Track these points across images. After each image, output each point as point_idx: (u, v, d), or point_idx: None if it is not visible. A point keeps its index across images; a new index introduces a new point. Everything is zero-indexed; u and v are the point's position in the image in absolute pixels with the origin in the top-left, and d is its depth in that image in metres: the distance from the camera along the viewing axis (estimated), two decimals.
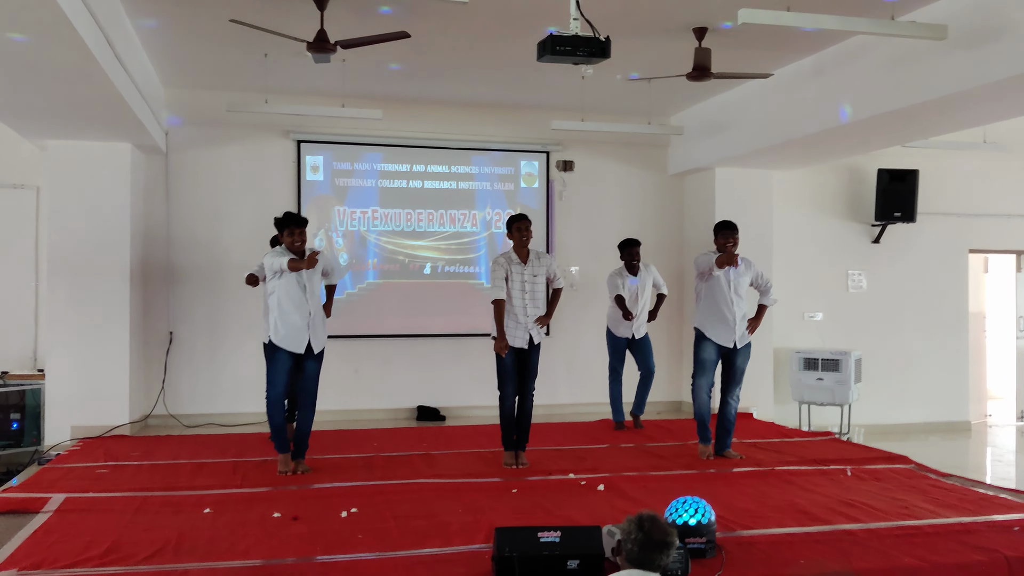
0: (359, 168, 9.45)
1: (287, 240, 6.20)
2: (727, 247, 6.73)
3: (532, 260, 6.54)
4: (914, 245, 10.20)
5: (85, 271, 8.13)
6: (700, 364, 6.95)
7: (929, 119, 7.09)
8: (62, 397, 8.08)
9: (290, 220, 6.22)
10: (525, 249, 6.53)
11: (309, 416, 6.43)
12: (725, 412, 6.97)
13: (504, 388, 6.61)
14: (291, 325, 6.23)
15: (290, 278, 6.21)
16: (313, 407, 6.46)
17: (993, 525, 5.07)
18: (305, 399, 6.42)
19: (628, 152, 10.14)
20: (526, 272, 6.51)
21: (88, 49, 5.21)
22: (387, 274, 9.52)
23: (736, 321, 6.78)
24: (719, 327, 6.82)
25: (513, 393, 6.62)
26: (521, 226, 6.49)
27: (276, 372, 6.31)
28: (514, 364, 6.59)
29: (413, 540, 4.68)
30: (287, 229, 6.19)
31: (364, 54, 6.77)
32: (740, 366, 6.90)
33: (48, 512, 5.26)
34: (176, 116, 8.91)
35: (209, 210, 9.07)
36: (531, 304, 6.52)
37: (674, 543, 3.34)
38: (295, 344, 6.25)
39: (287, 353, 6.27)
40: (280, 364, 6.29)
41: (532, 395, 6.69)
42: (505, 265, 6.51)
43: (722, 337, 6.82)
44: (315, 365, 6.39)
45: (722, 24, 6.52)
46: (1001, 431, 10.30)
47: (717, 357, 6.92)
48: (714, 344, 6.87)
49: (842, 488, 6.01)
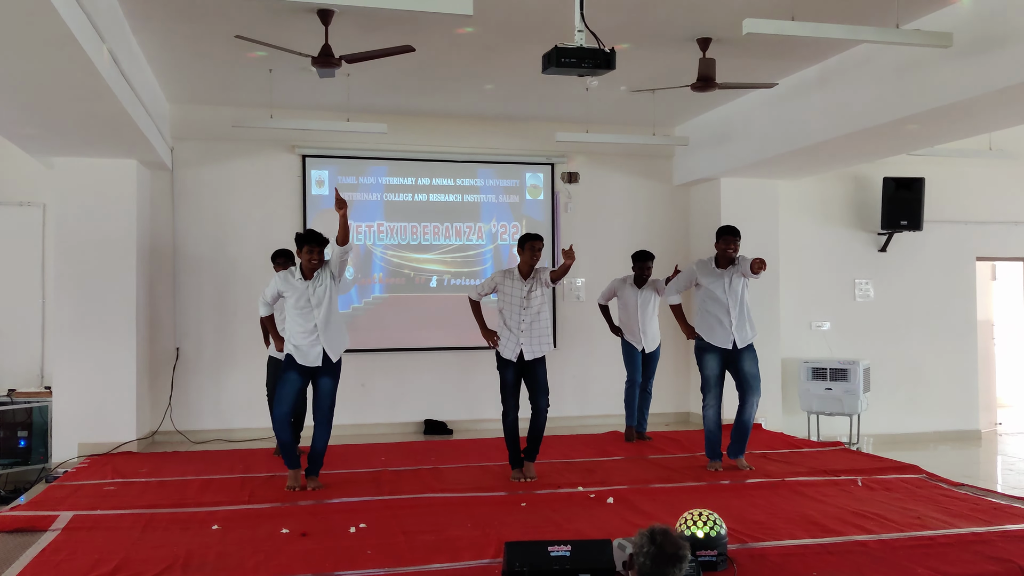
0: (364, 182, 9.46)
1: (304, 257, 6.17)
2: (728, 252, 6.72)
3: (531, 278, 6.55)
4: (921, 253, 10.17)
5: (91, 288, 8.14)
6: (705, 380, 6.92)
7: (935, 127, 7.07)
8: (69, 414, 8.08)
9: (308, 238, 6.20)
10: (531, 267, 6.54)
11: (325, 434, 6.38)
12: (742, 418, 6.89)
13: (506, 402, 6.61)
14: (301, 340, 6.21)
15: (296, 298, 6.19)
16: (329, 424, 6.39)
17: (1007, 535, 5.02)
18: (320, 417, 6.36)
19: (633, 163, 10.14)
20: (525, 288, 6.51)
21: (94, 66, 5.22)
22: (393, 288, 9.52)
23: (733, 323, 6.76)
24: (716, 329, 6.79)
25: (514, 408, 6.61)
26: (535, 245, 6.49)
27: (284, 390, 6.28)
28: (515, 378, 6.59)
29: (422, 555, 4.65)
30: (305, 246, 6.17)
31: (369, 68, 6.78)
32: (749, 371, 6.84)
33: (56, 530, 5.24)
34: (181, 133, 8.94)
35: (215, 226, 9.09)
36: (526, 319, 6.51)
37: (686, 556, 3.31)
38: (310, 359, 6.22)
39: (297, 372, 6.25)
40: (290, 383, 6.26)
41: (545, 411, 6.63)
42: (499, 280, 6.59)
43: (720, 339, 6.79)
44: (330, 382, 6.33)
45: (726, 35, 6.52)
46: (1011, 439, 10.24)
47: (720, 370, 6.89)
48: (715, 353, 6.83)
49: (853, 499, 5.97)
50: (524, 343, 6.53)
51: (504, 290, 6.55)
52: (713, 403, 6.90)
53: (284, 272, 6.36)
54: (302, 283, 6.20)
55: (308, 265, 6.18)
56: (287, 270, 6.39)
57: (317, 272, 6.24)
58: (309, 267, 6.19)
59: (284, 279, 6.27)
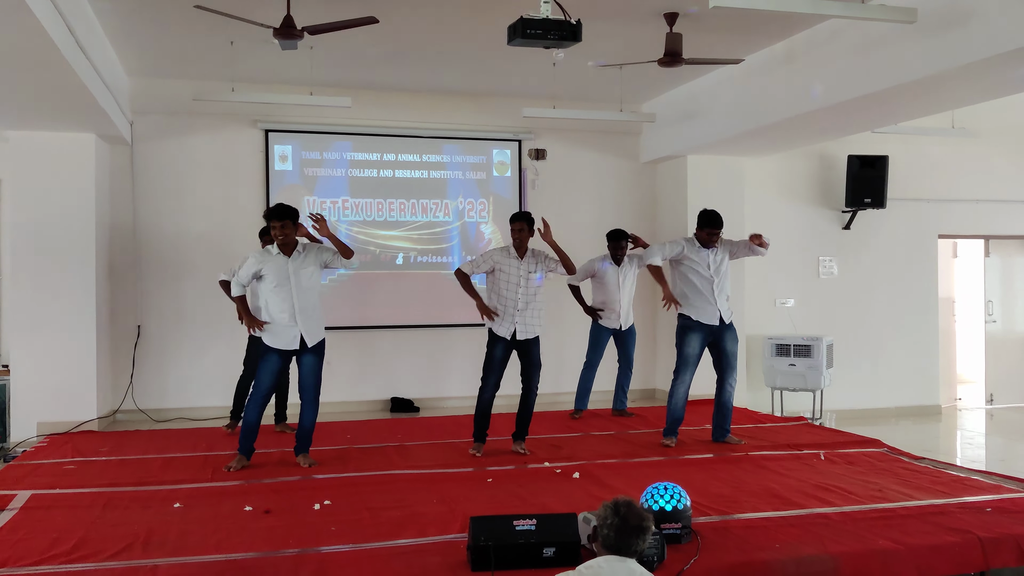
0: (328, 157, 9.35)
1: (274, 234, 6.07)
2: (711, 242, 6.80)
3: (528, 257, 6.54)
4: (884, 231, 10.26)
5: (50, 264, 7.98)
6: (683, 359, 6.94)
7: (899, 103, 7.11)
8: (28, 393, 7.94)
9: (271, 214, 6.09)
10: (523, 247, 6.54)
11: (312, 412, 6.33)
12: (722, 399, 6.98)
13: (486, 379, 6.60)
14: (279, 323, 6.12)
15: (274, 274, 6.08)
16: (316, 403, 6.33)
17: (965, 506, 5.10)
18: (306, 395, 6.30)
19: (600, 140, 10.11)
20: (522, 267, 6.50)
21: (48, 36, 5.07)
22: (359, 265, 9.42)
23: (717, 298, 6.80)
24: (704, 307, 6.82)
25: (494, 387, 6.61)
26: (514, 227, 6.55)
27: (264, 372, 6.19)
28: (503, 356, 6.58)
29: (387, 531, 4.63)
30: (272, 221, 6.06)
31: (332, 41, 6.67)
32: (731, 350, 6.91)
33: (14, 509, 5.15)
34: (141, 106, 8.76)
35: (176, 201, 8.93)
36: (523, 298, 6.50)
37: (650, 528, 3.31)
38: (286, 342, 6.14)
39: (279, 355, 6.17)
40: (270, 364, 6.18)
41: (536, 388, 6.67)
42: (498, 258, 6.55)
43: (707, 315, 6.82)
44: (313, 359, 6.25)
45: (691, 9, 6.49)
46: (971, 414, 10.41)
47: (701, 350, 6.93)
48: (699, 332, 6.86)
49: (816, 472, 6.04)
50: (519, 322, 6.51)
51: (503, 268, 6.52)
52: (687, 381, 6.94)
53: (261, 250, 6.25)
54: (281, 257, 6.09)
55: (280, 241, 6.07)
56: (264, 248, 6.28)
57: (301, 251, 6.14)
58: (282, 243, 6.08)
59: (261, 257, 6.15)
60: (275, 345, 6.15)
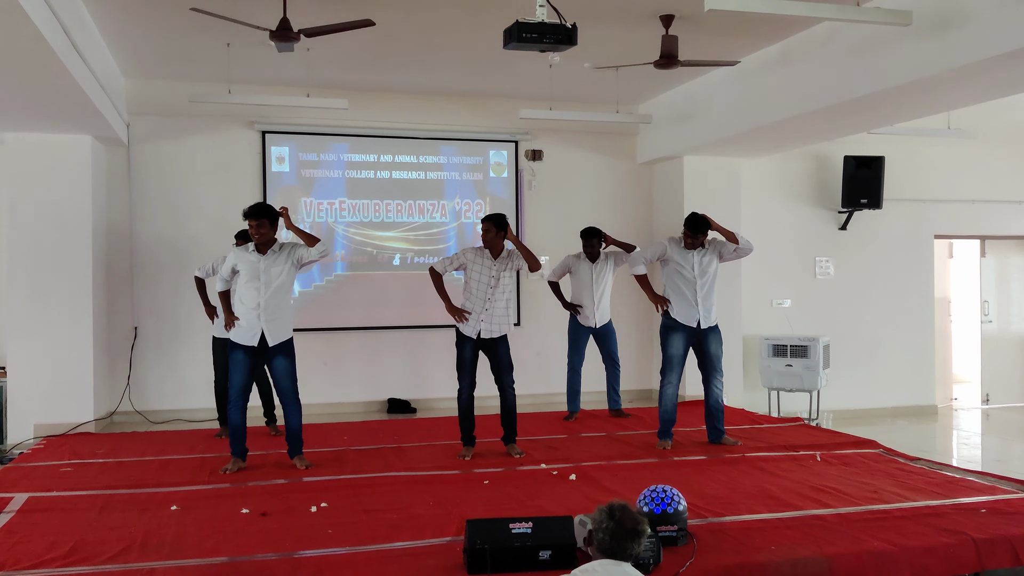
0: (325, 159, 9.35)
1: (250, 232, 6.16)
2: (691, 244, 6.82)
3: (503, 258, 6.54)
4: (880, 231, 10.27)
5: (46, 266, 7.98)
6: (667, 360, 6.95)
7: (894, 105, 7.12)
8: (25, 395, 7.94)
9: (248, 212, 6.14)
10: (498, 248, 6.53)
11: (296, 412, 6.32)
12: (711, 401, 6.98)
13: (461, 380, 6.61)
14: (244, 317, 6.15)
15: (247, 271, 6.13)
16: (297, 403, 6.33)
17: (960, 508, 5.12)
18: (285, 398, 6.31)
19: (597, 141, 10.12)
20: (495, 268, 6.49)
21: (43, 37, 5.07)
22: (355, 266, 9.44)
23: (699, 301, 6.80)
24: (683, 307, 6.84)
25: (469, 386, 6.61)
26: (483, 227, 6.55)
27: (235, 371, 6.21)
28: (472, 355, 6.59)
29: (384, 534, 4.63)
30: (248, 219, 6.13)
31: (329, 43, 6.68)
32: (714, 352, 6.91)
33: (11, 512, 5.15)
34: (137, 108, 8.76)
35: (173, 203, 8.94)
36: (491, 299, 6.49)
37: (645, 532, 3.32)
38: (247, 337, 6.16)
39: (244, 351, 6.19)
40: (238, 363, 6.20)
41: (512, 389, 6.66)
42: (469, 257, 6.55)
43: (686, 316, 6.84)
44: (284, 361, 6.26)
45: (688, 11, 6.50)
46: (967, 415, 10.43)
47: (685, 350, 6.94)
48: (680, 332, 6.87)
49: (812, 473, 6.05)
50: (484, 321, 6.51)
51: (473, 268, 6.52)
52: (674, 381, 6.95)
53: (240, 247, 6.31)
54: (255, 255, 6.15)
55: (255, 239, 6.13)
56: (243, 245, 6.33)
57: (275, 250, 6.17)
58: (258, 241, 6.13)
59: (238, 253, 6.22)
60: (236, 339, 6.18)
